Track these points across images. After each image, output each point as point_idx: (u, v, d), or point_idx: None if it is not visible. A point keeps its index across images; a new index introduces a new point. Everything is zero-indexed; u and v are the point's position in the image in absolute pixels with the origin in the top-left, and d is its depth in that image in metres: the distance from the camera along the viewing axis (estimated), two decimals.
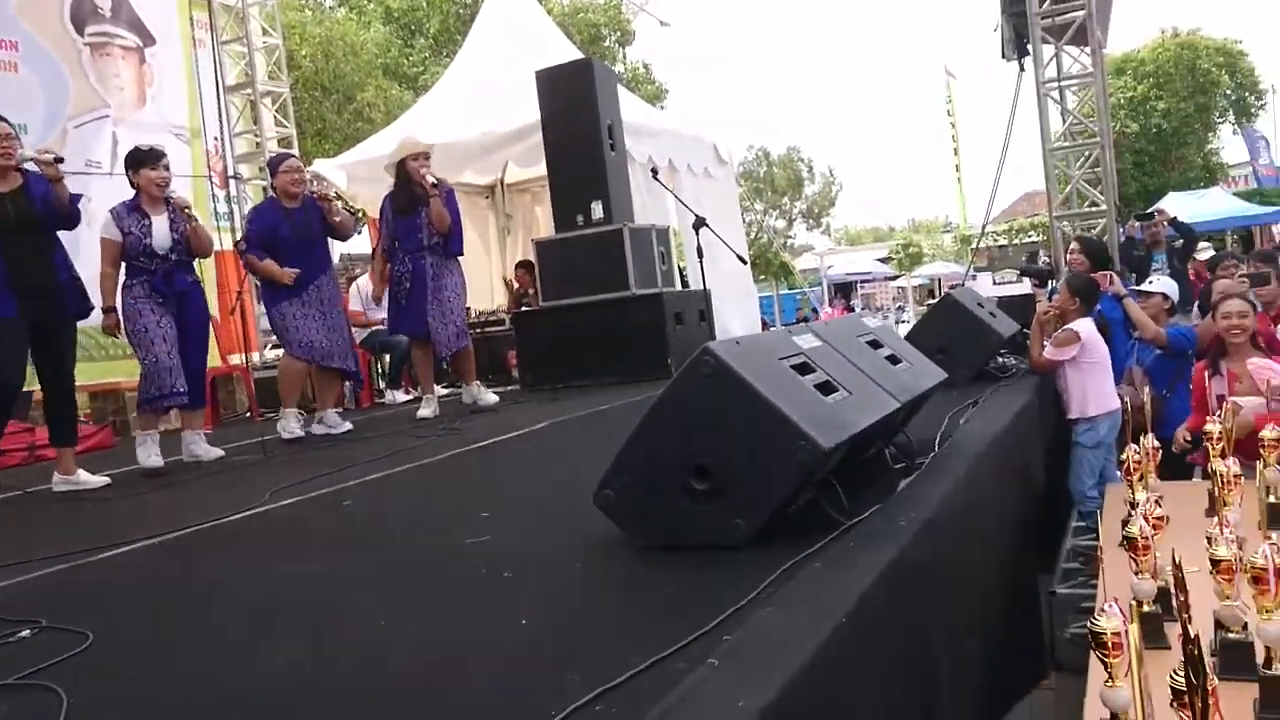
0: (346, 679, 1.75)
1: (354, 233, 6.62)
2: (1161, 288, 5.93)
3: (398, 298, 6.30)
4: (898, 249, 36.01)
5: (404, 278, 6.22)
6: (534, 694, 1.51)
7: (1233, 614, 2.51)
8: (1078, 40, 7.85)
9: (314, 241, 5.82)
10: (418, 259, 6.16)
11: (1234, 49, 27.55)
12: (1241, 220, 20.88)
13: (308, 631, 2.09)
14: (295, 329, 5.70)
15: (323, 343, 5.76)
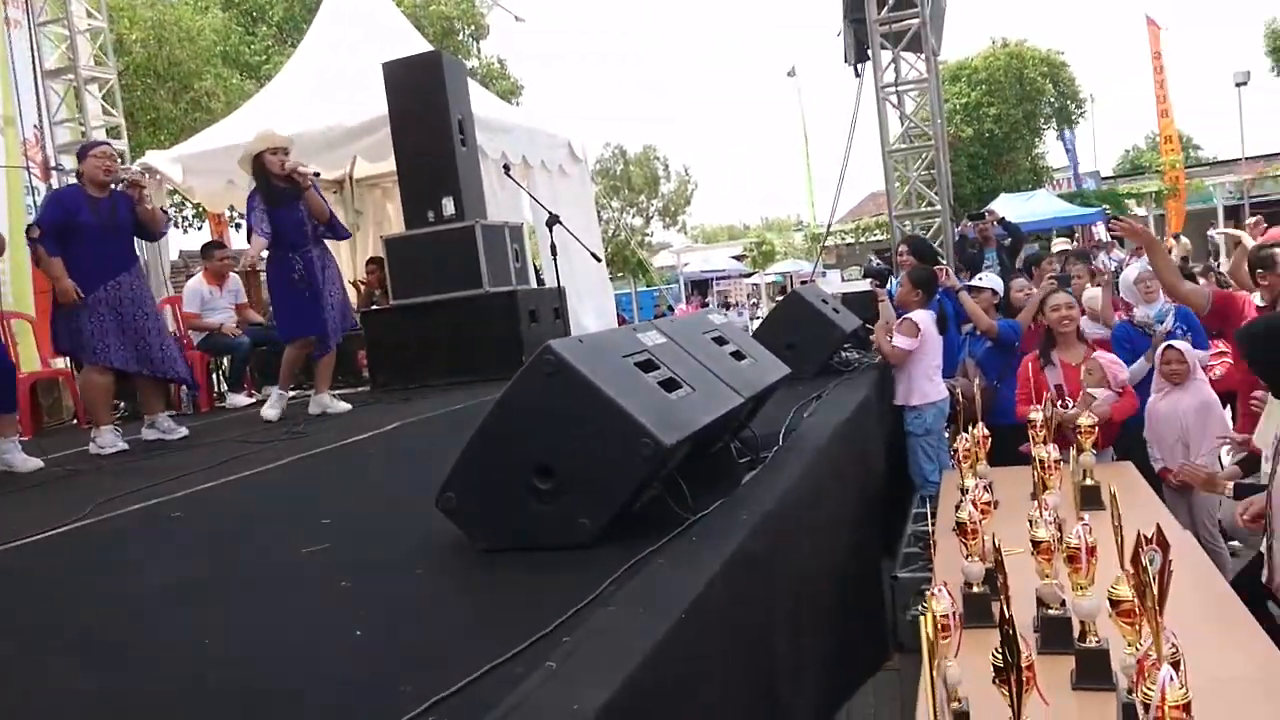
0: (159, 700, 1.65)
1: (164, 231, 6.12)
2: (990, 283, 6.27)
3: (291, 297, 5.83)
4: (751, 247, 36.89)
5: (298, 277, 5.78)
6: (363, 708, 1.46)
7: (1052, 591, 2.66)
8: (913, 47, 8.21)
9: (118, 235, 5.35)
10: (306, 254, 5.84)
11: (1057, 60, 29.39)
12: (1065, 220, 22.32)
13: (121, 652, 1.96)
14: (88, 334, 5.18)
15: (121, 348, 5.26)
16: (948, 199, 8.58)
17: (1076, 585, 2.42)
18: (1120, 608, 2.09)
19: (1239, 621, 2.64)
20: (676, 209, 37.30)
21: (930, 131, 8.51)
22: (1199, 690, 2.29)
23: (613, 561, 2.04)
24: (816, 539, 3.22)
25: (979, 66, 28.55)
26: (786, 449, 3.18)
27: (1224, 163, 33.53)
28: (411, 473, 3.81)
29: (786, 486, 2.71)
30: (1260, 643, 2.50)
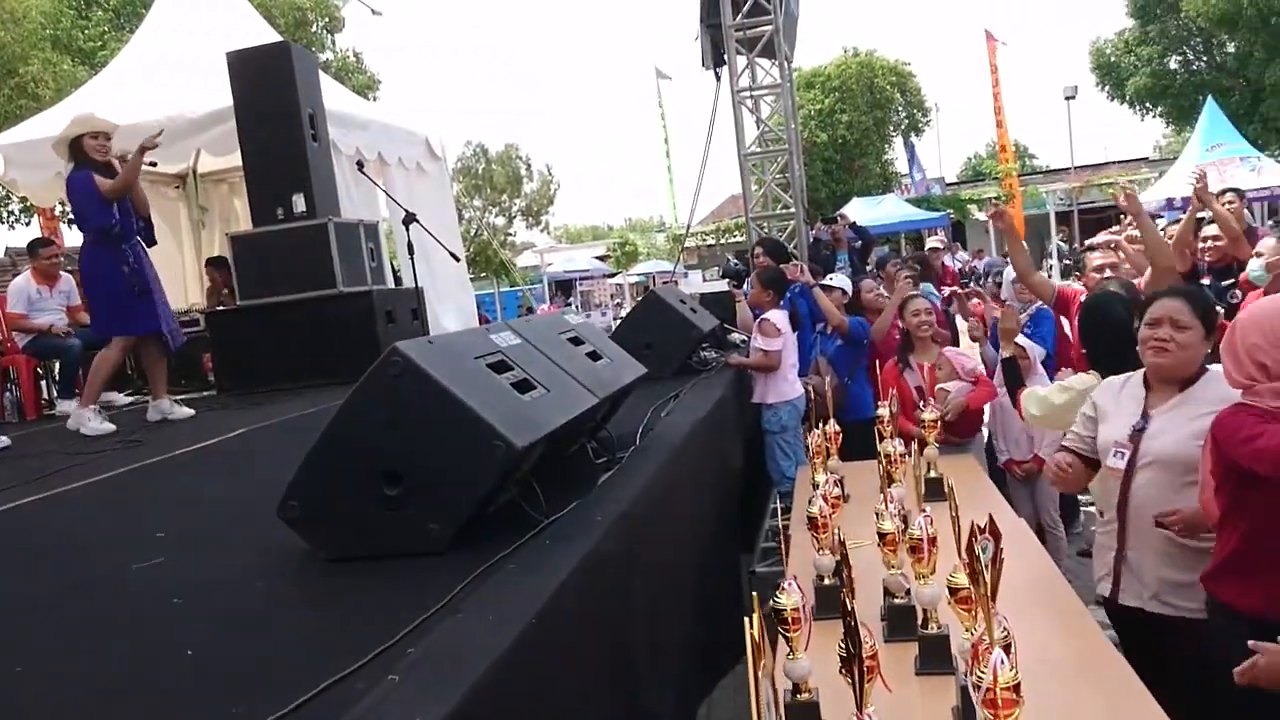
0: None
1: None
2: (840, 283, 6.47)
3: (118, 292, 5.40)
4: (615, 247, 37.06)
5: (128, 270, 5.38)
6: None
7: (896, 581, 2.75)
8: (768, 53, 8.41)
9: None
10: (135, 248, 5.46)
11: (904, 70, 30.74)
12: (912, 224, 23.35)
13: None
14: None
15: None
16: (801, 202, 8.81)
17: (919, 574, 2.51)
18: (958, 595, 2.18)
19: (1067, 605, 2.80)
20: (539, 208, 37.16)
21: (784, 136, 8.73)
22: (1028, 671, 2.42)
23: (464, 568, 1.99)
24: (674, 537, 3.25)
25: (832, 74, 29.54)
26: (643, 449, 3.19)
27: (1056, 171, 35.70)
28: (256, 481, 3.64)
29: (642, 486, 2.72)
30: (1084, 624, 2.65)
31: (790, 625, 2.10)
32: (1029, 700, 2.23)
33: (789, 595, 2.11)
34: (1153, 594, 2.84)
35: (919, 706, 2.28)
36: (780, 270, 5.97)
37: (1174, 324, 2.75)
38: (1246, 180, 18.17)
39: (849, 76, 29.26)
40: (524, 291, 30.24)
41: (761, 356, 5.56)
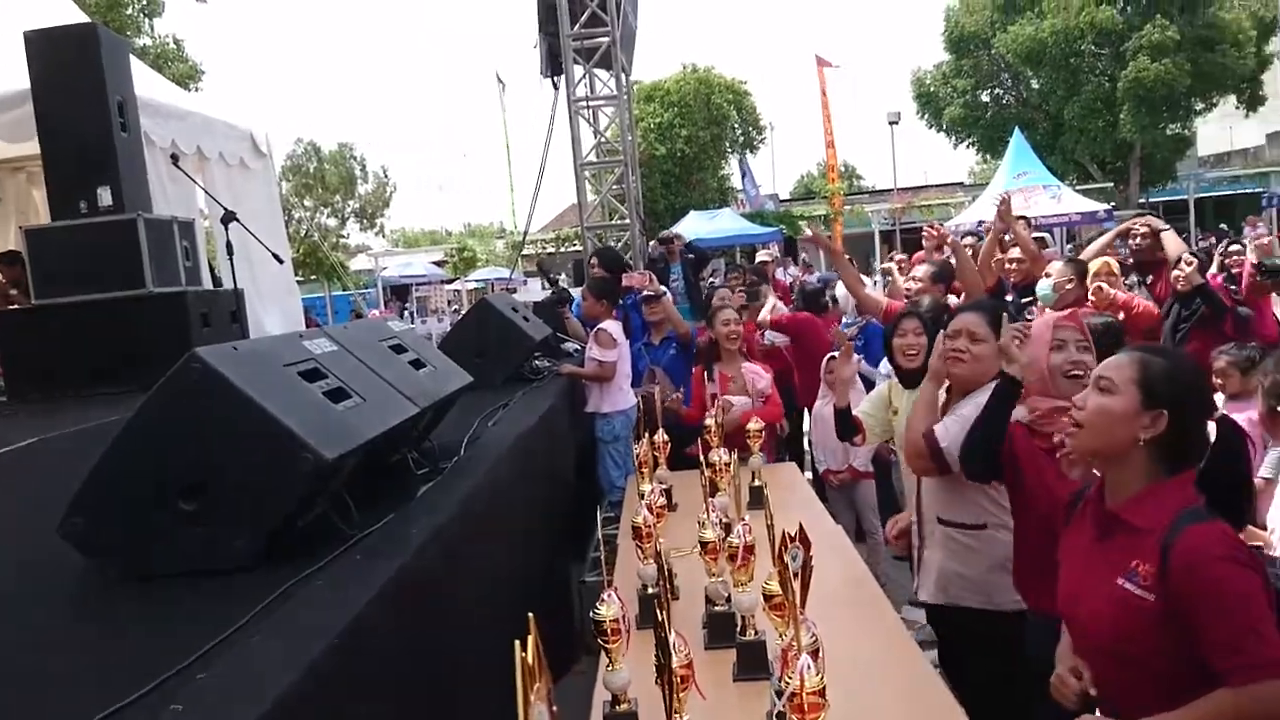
0: None
1: None
2: None
3: None
4: (453, 253, 36.45)
5: None
6: None
7: (716, 589, 2.80)
8: (605, 64, 8.46)
9: None
10: None
11: (740, 88, 31.58)
12: (747, 238, 23.96)
13: None
14: None
15: None
16: (636, 213, 8.90)
17: (738, 582, 2.55)
18: (772, 602, 2.24)
19: (876, 608, 2.91)
20: (374, 211, 36.17)
21: (621, 148, 8.80)
22: (838, 673, 2.50)
23: (267, 586, 1.89)
24: (499, 548, 3.20)
25: (672, 89, 30.03)
26: (467, 459, 3.13)
27: (880, 192, 37.57)
28: (41, 496, 3.35)
29: (464, 497, 2.66)
30: (891, 626, 2.77)
31: (609, 636, 2.10)
32: (837, 702, 2.30)
33: (608, 606, 2.11)
34: (938, 587, 3.03)
35: (736, 712, 2.32)
36: (613, 281, 6.00)
37: (970, 336, 2.95)
38: (1048, 207, 19.64)
39: (688, 92, 29.81)
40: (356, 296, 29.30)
41: (596, 367, 5.57)
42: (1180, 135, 30.38)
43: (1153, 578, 1.82)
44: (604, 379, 5.60)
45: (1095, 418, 1.95)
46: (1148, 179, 30.36)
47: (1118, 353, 2.06)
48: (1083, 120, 29.06)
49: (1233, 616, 1.74)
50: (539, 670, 1.22)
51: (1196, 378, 2.02)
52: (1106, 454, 1.97)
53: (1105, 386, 1.96)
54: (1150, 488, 1.90)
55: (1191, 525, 1.80)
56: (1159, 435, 1.88)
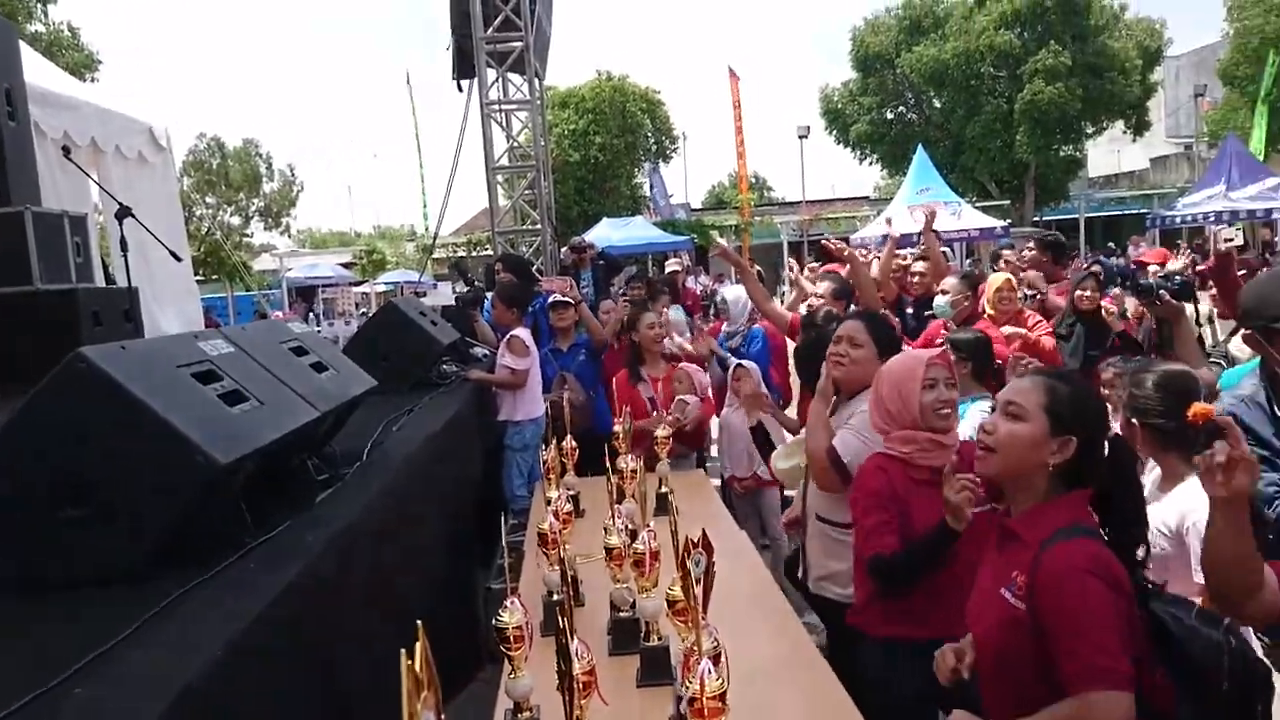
0: None
1: None
2: None
3: None
4: (362, 254, 35.73)
5: None
6: None
7: (621, 595, 2.80)
8: (518, 68, 8.42)
9: None
10: None
11: (654, 97, 31.78)
12: (658, 246, 24.09)
13: None
14: None
15: None
16: (548, 219, 8.88)
17: (642, 588, 2.56)
18: (675, 607, 2.25)
19: (778, 612, 2.96)
20: (280, 210, 35.22)
21: (534, 153, 8.76)
22: (740, 676, 2.53)
23: (155, 596, 1.82)
24: (402, 555, 3.14)
25: (586, 96, 30.04)
26: (369, 465, 3.07)
27: (790, 204, 38.21)
28: None
29: (365, 503, 2.61)
30: (792, 630, 2.82)
31: (512, 644, 2.09)
32: (739, 706, 2.33)
33: (510, 613, 2.10)
34: (815, 579, 3.18)
35: (639, 718, 2.33)
36: (521, 286, 5.96)
37: (851, 342, 3.09)
38: (948, 223, 20.22)
39: (602, 99, 29.84)
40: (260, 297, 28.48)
41: (509, 374, 5.52)
42: (1072, 157, 31.73)
43: (1025, 588, 1.89)
44: (515, 386, 5.56)
45: (1006, 443, 1.99)
46: (1042, 198, 31.59)
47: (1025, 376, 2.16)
48: (982, 140, 30.12)
49: (1080, 626, 1.81)
50: (428, 680, 1.20)
51: (1096, 402, 2.11)
52: (1015, 477, 2.02)
53: (1014, 413, 2.00)
54: (1042, 504, 1.97)
55: (1064, 541, 1.87)
56: (1065, 460, 1.95)
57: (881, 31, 31.99)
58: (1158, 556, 2.56)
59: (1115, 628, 1.82)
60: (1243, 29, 30.48)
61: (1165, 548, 2.57)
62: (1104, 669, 1.78)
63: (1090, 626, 1.81)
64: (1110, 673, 1.78)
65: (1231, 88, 32.08)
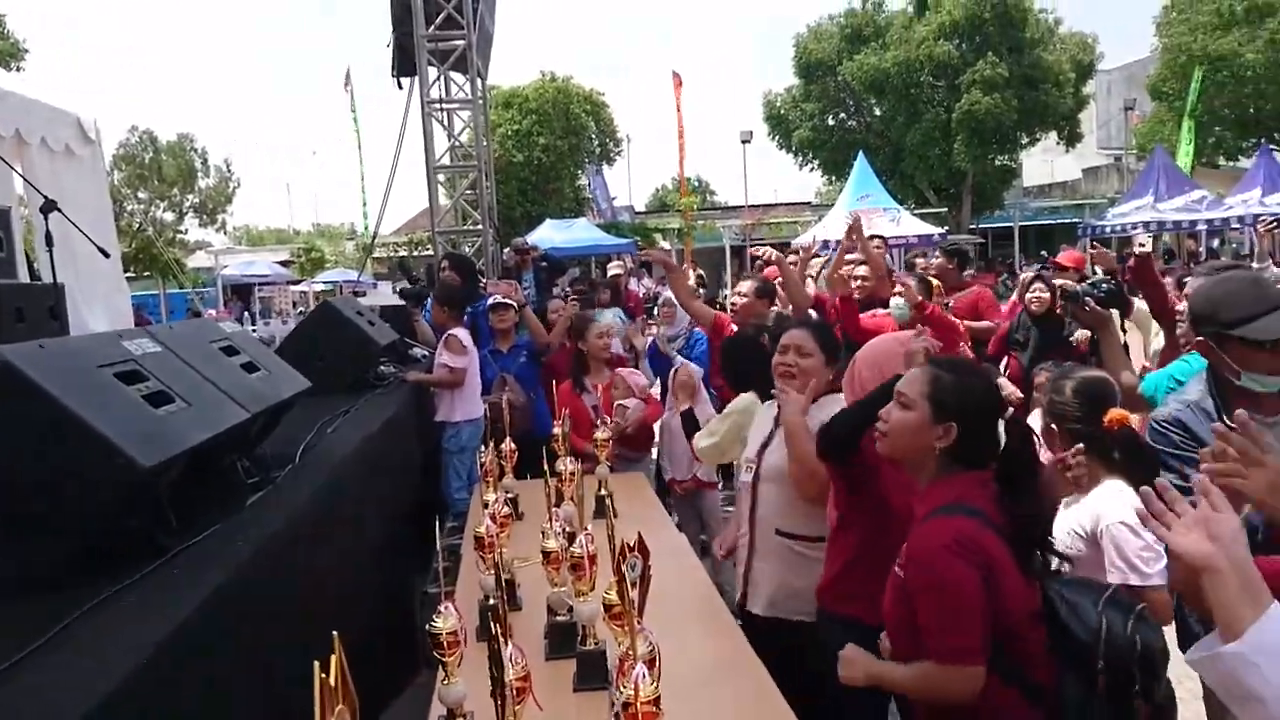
0: None
1: None
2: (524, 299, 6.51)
3: None
4: (300, 252, 35.12)
5: None
6: None
7: (559, 599, 2.78)
8: (460, 67, 8.33)
9: None
10: None
11: (598, 99, 31.75)
12: (601, 248, 24.05)
13: None
14: None
15: None
16: (489, 219, 8.81)
17: (579, 592, 2.55)
18: (612, 611, 2.23)
19: (716, 615, 2.97)
20: (215, 206, 34.47)
21: (476, 153, 8.69)
22: (678, 679, 2.53)
23: (74, 602, 1.76)
24: (335, 559, 3.09)
25: (530, 96, 29.90)
26: (302, 467, 3.01)
27: (732, 208, 38.43)
28: None
29: (297, 507, 2.56)
30: (730, 633, 2.83)
31: (446, 649, 2.06)
32: (677, 711, 2.33)
33: (444, 618, 2.07)
34: (770, 600, 3.07)
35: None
36: (459, 289, 5.90)
37: (798, 351, 3.08)
38: (887, 229, 20.53)
39: (546, 100, 29.70)
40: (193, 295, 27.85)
41: (446, 373, 5.46)
42: (1008, 166, 32.41)
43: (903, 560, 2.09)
44: (454, 385, 5.50)
45: (895, 429, 2.17)
46: (978, 205, 32.22)
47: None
48: (921, 148, 30.62)
49: (941, 602, 1.98)
50: (341, 691, 1.17)
51: (983, 388, 2.20)
52: (907, 459, 2.18)
53: (904, 402, 2.16)
54: (933, 482, 2.13)
55: (937, 517, 2.04)
56: (952, 444, 2.10)
57: (824, 39, 32.34)
58: (1075, 558, 2.64)
59: (969, 605, 1.98)
60: (1170, 45, 31.47)
61: (1081, 549, 2.65)
62: (953, 648, 1.98)
63: (944, 604, 1.99)
64: (960, 651, 1.98)
65: (1159, 102, 33.10)
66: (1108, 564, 2.57)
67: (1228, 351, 2.36)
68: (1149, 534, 2.47)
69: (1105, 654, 2.06)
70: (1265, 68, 29.08)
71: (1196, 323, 2.45)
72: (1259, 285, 2.42)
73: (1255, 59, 29.12)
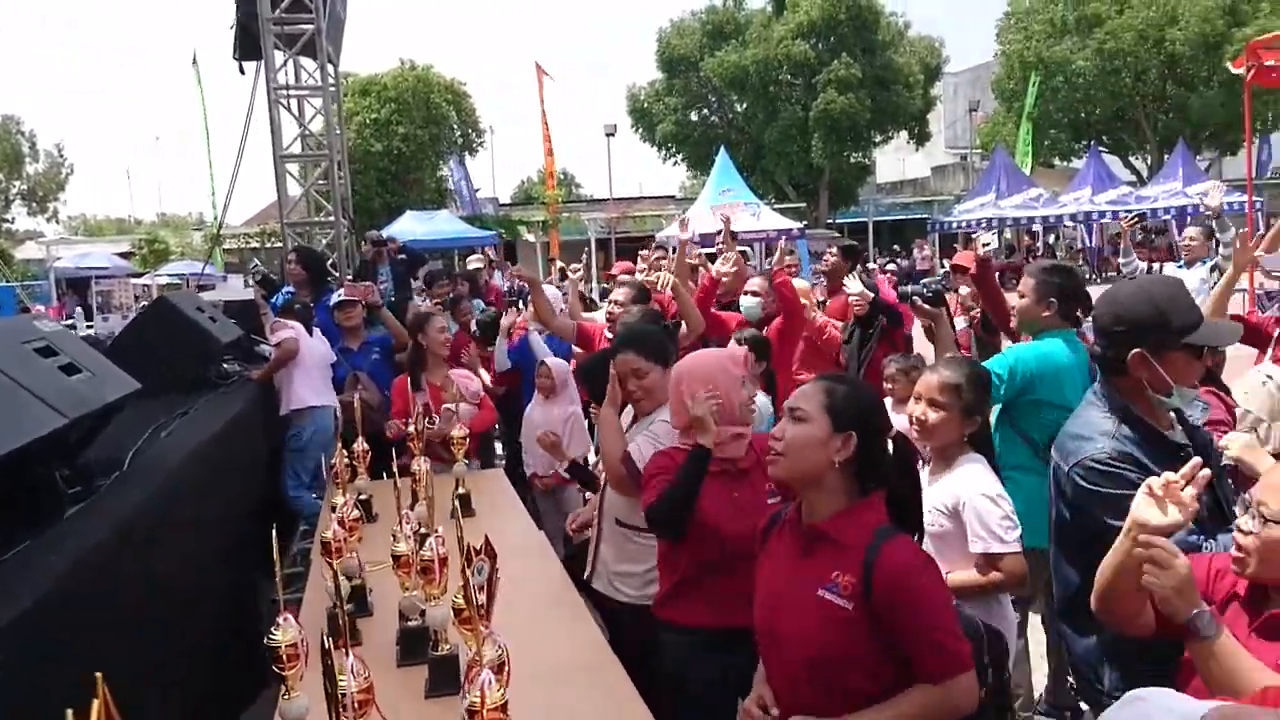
0: None
1: None
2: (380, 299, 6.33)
3: None
4: (142, 244, 33.27)
5: None
6: None
7: (411, 603, 2.71)
8: (309, 52, 7.99)
9: None
10: None
11: (460, 89, 31.14)
12: (465, 240, 23.66)
13: None
14: None
15: None
16: (347, 211, 8.52)
17: (430, 596, 2.48)
18: (462, 615, 2.18)
19: (575, 611, 2.95)
20: (46, 194, 32.31)
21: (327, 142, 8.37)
22: (536, 677, 2.50)
23: None
24: (169, 569, 2.92)
25: (389, 84, 29.10)
26: (130, 475, 2.82)
27: (597, 201, 38.48)
28: None
29: (123, 517, 2.40)
30: (588, 629, 2.81)
31: (285, 663, 1.97)
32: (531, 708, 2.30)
33: (284, 631, 1.98)
34: (609, 580, 3.20)
35: None
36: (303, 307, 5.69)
37: (635, 375, 3.16)
38: (748, 224, 20.96)
39: (405, 89, 28.94)
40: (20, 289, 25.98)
41: (278, 350, 5.24)
42: (862, 164, 33.61)
43: (853, 588, 1.97)
44: (289, 356, 5.24)
45: (793, 445, 2.09)
46: (835, 201, 33.28)
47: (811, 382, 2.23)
48: (780, 144, 31.40)
49: (934, 620, 1.96)
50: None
51: (874, 399, 2.22)
52: (806, 478, 2.10)
53: (799, 416, 2.10)
54: (851, 506, 2.07)
55: (888, 540, 1.99)
56: (850, 456, 2.05)
57: (686, 34, 32.74)
58: (937, 533, 2.76)
59: (956, 616, 2.02)
60: (1009, 51, 33.25)
61: (944, 525, 2.77)
62: (961, 655, 1.96)
63: (941, 617, 1.97)
64: (964, 656, 1.96)
65: (1000, 104, 34.93)
66: (970, 535, 2.71)
67: (1166, 363, 2.18)
68: (1006, 505, 2.70)
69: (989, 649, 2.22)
70: (1095, 74, 31.09)
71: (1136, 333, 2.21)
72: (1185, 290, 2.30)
73: (1085, 65, 31.10)
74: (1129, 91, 31.57)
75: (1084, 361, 3.45)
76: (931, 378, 2.88)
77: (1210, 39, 28.64)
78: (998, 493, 2.74)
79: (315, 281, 6.47)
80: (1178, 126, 30.97)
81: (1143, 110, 32.21)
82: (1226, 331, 2.60)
